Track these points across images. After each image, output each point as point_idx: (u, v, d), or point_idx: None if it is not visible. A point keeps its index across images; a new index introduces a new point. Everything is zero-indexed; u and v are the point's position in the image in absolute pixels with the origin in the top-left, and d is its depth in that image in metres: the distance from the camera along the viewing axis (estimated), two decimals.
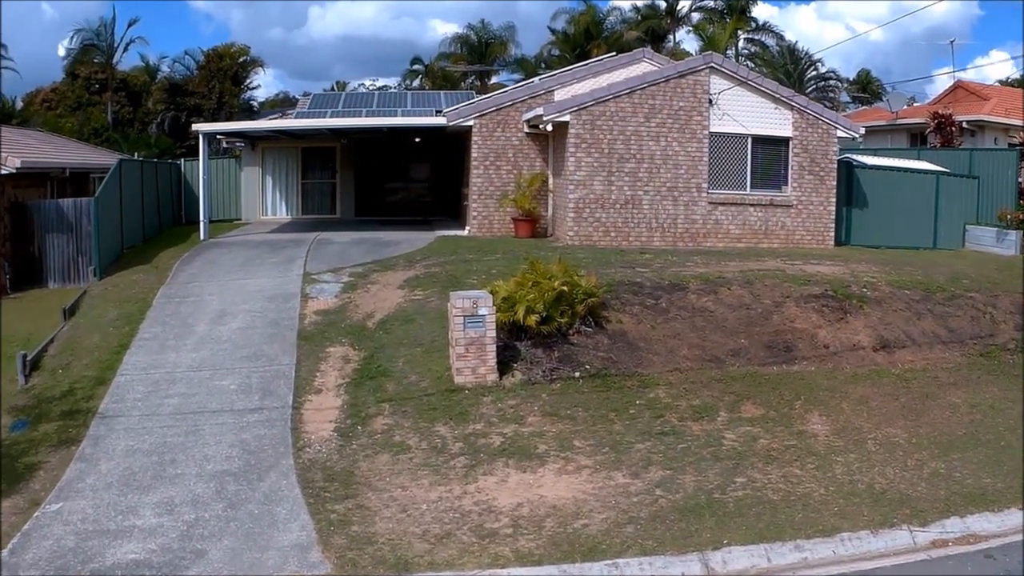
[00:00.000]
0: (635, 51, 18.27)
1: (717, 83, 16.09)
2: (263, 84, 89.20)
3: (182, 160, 23.19)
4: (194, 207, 22.56)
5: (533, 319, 9.80)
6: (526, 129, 17.41)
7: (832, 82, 47.26)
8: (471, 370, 9.37)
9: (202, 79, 42.65)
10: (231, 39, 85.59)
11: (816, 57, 45.54)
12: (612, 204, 15.76)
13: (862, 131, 17.63)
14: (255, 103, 47.87)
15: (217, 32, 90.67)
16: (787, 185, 16.77)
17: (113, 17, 46.99)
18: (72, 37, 40.81)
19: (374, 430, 8.87)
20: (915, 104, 32.80)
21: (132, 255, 16.43)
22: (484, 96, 18.67)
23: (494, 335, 9.41)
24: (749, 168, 16.48)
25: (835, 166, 17.04)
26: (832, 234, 17.12)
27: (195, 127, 17.90)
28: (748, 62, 44.43)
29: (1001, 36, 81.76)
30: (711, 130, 16.11)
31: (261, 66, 46.43)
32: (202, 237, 17.65)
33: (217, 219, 22.45)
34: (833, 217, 17.10)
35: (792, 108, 16.61)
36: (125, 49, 41.51)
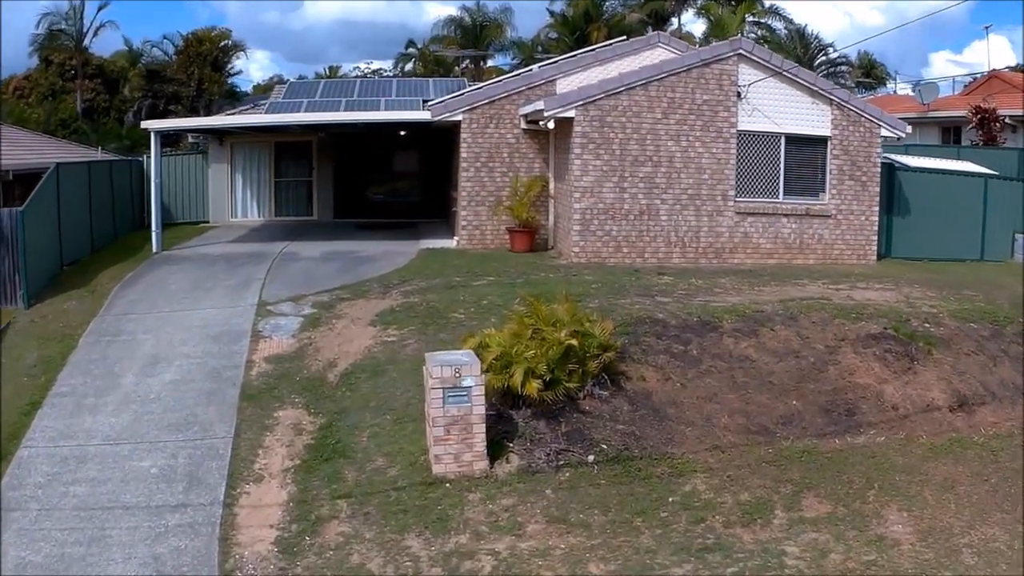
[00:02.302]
0: (649, 35, 15.98)
1: (746, 73, 13.83)
2: (260, 68, 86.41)
3: (144, 156, 20.82)
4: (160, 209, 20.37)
5: (534, 386, 7.64)
6: (523, 125, 15.15)
7: (843, 68, 44.96)
8: (453, 457, 7.23)
9: (181, 65, 40.14)
10: (226, 23, 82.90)
11: (827, 42, 43.34)
12: (624, 215, 13.54)
13: (908, 130, 15.42)
14: (240, 89, 45.44)
15: (213, 16, 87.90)
16: (825, 192, 14.56)
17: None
18: (39, 22, 38.18)
19: (326, 544, 6.72)
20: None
21: (72, 274, 14.15)
22: (474, 86, 16.37)
23: (483, 412, 7.24)
24: (782, 172, 14.26)
25: (879, 170, 14.85)
26: (874, 248, 14.96)
27: (144, 125, 15.65)
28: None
29: (999, 21, 79.32)
30: (739, 128, 13.87)
31: (243, 50, 43.92)
32: (154, 249, 15.41)
33: (183, 221, 20.29)
34: (876, 228, 14.92)
35: (831, 103, 14.37)
36: (95, 34, 38.97)
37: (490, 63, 45.14)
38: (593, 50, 15.86)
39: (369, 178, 21.33)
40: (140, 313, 11.63)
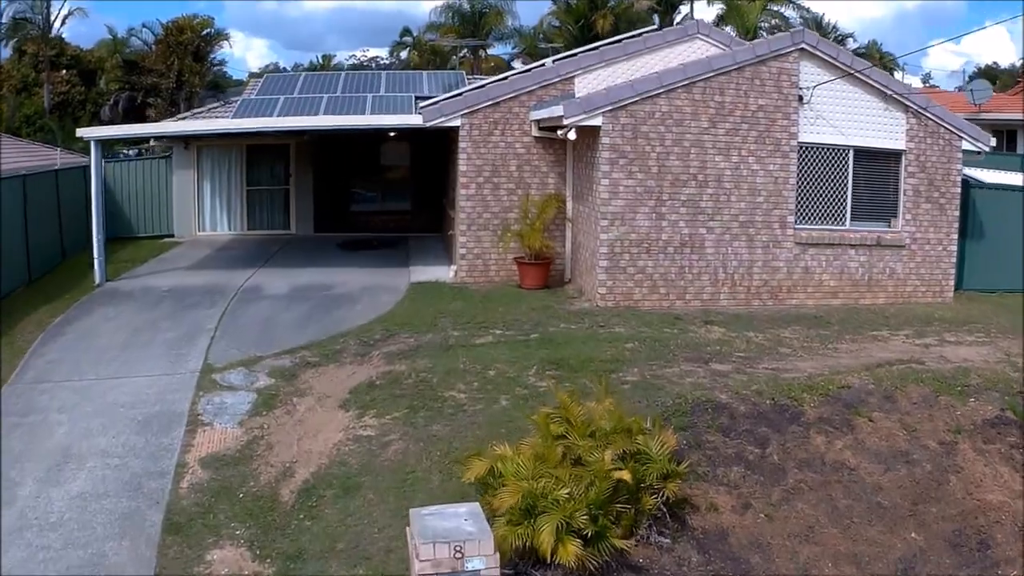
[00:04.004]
0: (686, 24, 13.43)
1: (809, 72, 11.34)
2: (258, 56, 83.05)
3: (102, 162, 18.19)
4: (119, 222, 17.87)
5: (572, 548, 5.23)
6: (536, 132, 12.66)
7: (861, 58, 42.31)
8: None
9: (160, 55, 37.42)
10: (224, 11, 79.99)
11: (846, 31, 40.81)
12: (662, 247, 11.08)
13: (992, 142, 12.97)
14: (232, 76, 42.83)
15: (209, 7, 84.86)
16: (898, 217, 12.11)
17: None
18: (3, 10, 35.44)
19: None
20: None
21: None
22: (475, 84, 13.82)
23: None
24: (850, 194, 11.79)
25: (959, 190, 12.41)
26: (952, 283, 12.53)
27: (81, 133, 13.15)
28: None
29: (998, 12, 76.84)
30: (800, 140, 11.42)
31: (227, 39, 41.19)
32: (97, 280, 12.88)
33: (144, 235, 17.93)
34: (954, 260, 12.49)
35: (907, 110, 11.89)
36: (63, 22, 36.38)
37: (490, 52, 42.50)
38: (619, 42, 13.32)
39: (354, 186, 18.79)
40: (58, 381, 9.15)
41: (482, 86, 13.13)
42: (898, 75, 47.40)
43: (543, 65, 13.62)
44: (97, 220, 13.05)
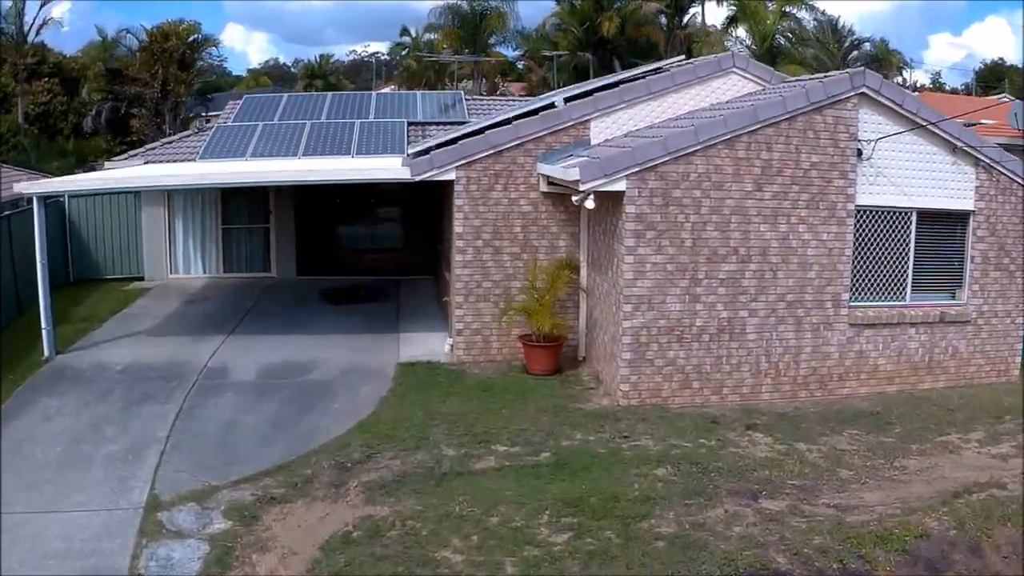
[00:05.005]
0: (720, 57, 11.67)
1: (869, 121, 9.69)
2: (259, 50, 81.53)
3: (66, 196, 16.54)
4: (87, 262, 16.42)
5: None
6: (544, 187, 11.03)
7: (875, 64, 40.63)
8: None
9: (144, 63, 35.69)
10: (224, 9, 78.33)
11: (863, 35, 39.12)
12: (696, 334, 9.43)
13: None
14: (232, 73, 41.29)
15: (208, 4, 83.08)
16: (963, 288, 10.50)
17: None
18: None
19: None
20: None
21: None
22: (473, 128, 11.96)
23: None
24: (911, 263, 10.18)
25: None
26: (1018, 360, 10.91)
27: (18, 188, 11.54)
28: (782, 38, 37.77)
29: (998, 3, 75.07)
30: (858, 202, 9.77)
31: (215, 45, 39.56)
32: (45, 353, 11.23)
33: (113, 276, 16.48)
34: (1022, 334, 10.91)
35: (977, 164, 10.28)
36: (38, 32, 34.87)
37: (497, 48, 40.81)
38: (643, 78, 11.57)
39: (340, 222, 17.14)
40: None
41: (481, 131, 11.44)
42: (905, 73, 45.73)
43: (553, 104, 11.95)
44: (44, 285, 11.37)
